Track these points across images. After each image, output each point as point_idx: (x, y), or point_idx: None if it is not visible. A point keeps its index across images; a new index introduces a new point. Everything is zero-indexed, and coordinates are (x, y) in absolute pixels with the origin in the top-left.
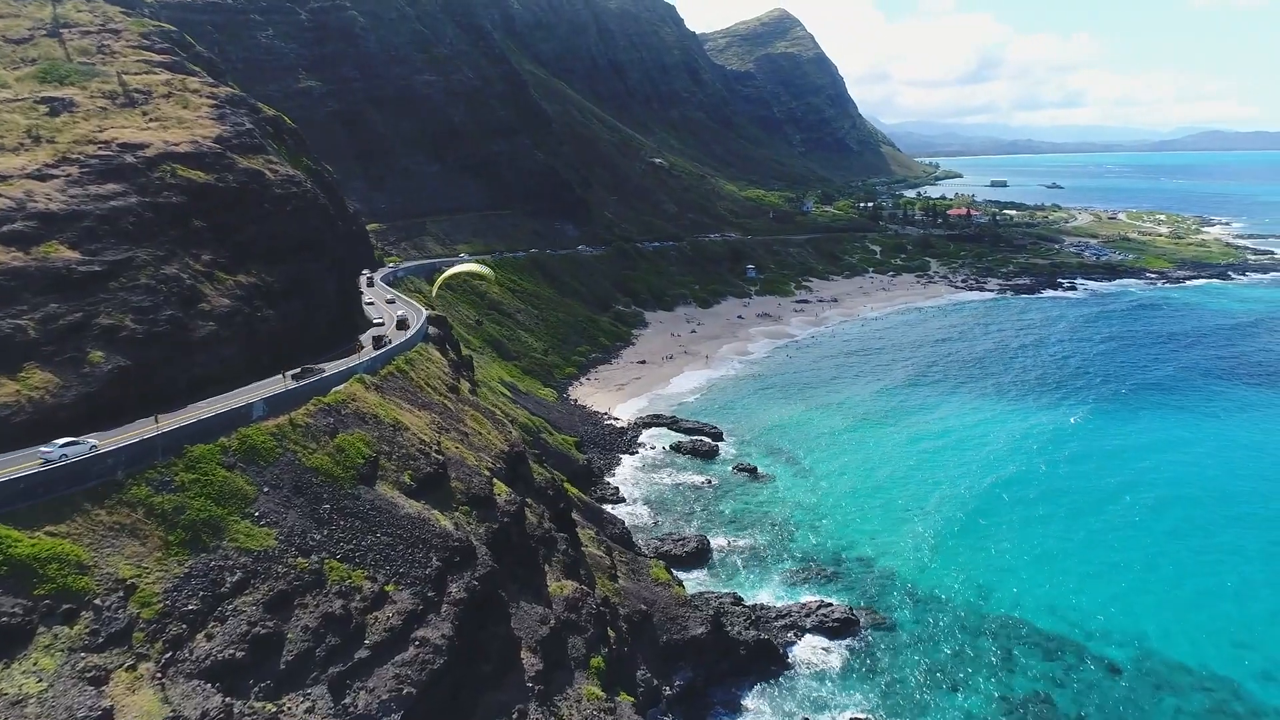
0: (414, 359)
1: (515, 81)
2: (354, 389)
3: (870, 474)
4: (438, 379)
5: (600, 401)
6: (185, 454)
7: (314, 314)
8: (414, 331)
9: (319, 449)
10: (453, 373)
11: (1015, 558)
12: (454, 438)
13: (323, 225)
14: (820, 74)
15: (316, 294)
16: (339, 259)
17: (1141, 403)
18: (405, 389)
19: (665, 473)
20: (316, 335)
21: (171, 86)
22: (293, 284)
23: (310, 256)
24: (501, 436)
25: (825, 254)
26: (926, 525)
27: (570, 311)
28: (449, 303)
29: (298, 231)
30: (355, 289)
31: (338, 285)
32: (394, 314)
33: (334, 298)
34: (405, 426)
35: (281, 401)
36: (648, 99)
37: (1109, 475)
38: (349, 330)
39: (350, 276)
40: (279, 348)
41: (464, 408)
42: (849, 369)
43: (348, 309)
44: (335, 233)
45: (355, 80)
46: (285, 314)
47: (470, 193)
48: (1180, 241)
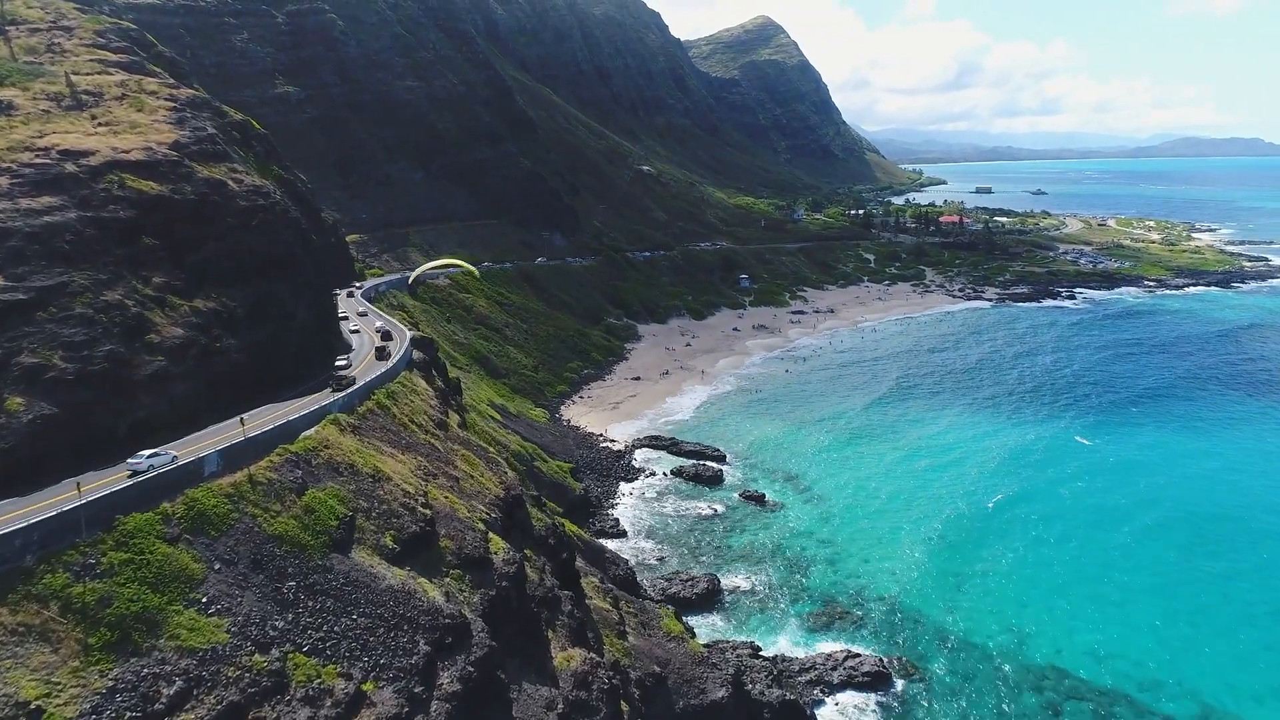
0: (397, 391)
1: (500, 87)
2: (327, 433)
3: (880, 498)
4: (424, 414)
5: (595, 422)
6: (116, 527)
7: (283, 341)
8: (397, 358)
9: (284, 511)
10: (440, 405)
11: (1044, 592)
12: (443, 484)
13: (294, 240)
14: (804, 81)
15: (286, 318)
16: (312, 278)
17: (1150, 414)
18: (387, 428)
19: (668, 501)
20: (286, 366)
21: (126, 88)
22: (258, 308)
23: (279, 276)
24: (496, 479)
25: (819, 263)
26: (947, 557)
27: (560, 325)
28: (434, 318)
29: (265, 248)
30: (331, 310)
31: (311, 307)
32: (375, 336)
33: (306, 322)
34: (387, 476)
35: (240, 453)
36: (633, 106)
37: (1124, 492)
38: (325, 357)
39: (325, 297)
40: (241, 383)
41: (454, 447)
42: (850, 383)
43: (323, 334)
44: (308, 248)
45: (334, 85)
46: (249, 343)
47: (455, 201)
48: (1174, 249)
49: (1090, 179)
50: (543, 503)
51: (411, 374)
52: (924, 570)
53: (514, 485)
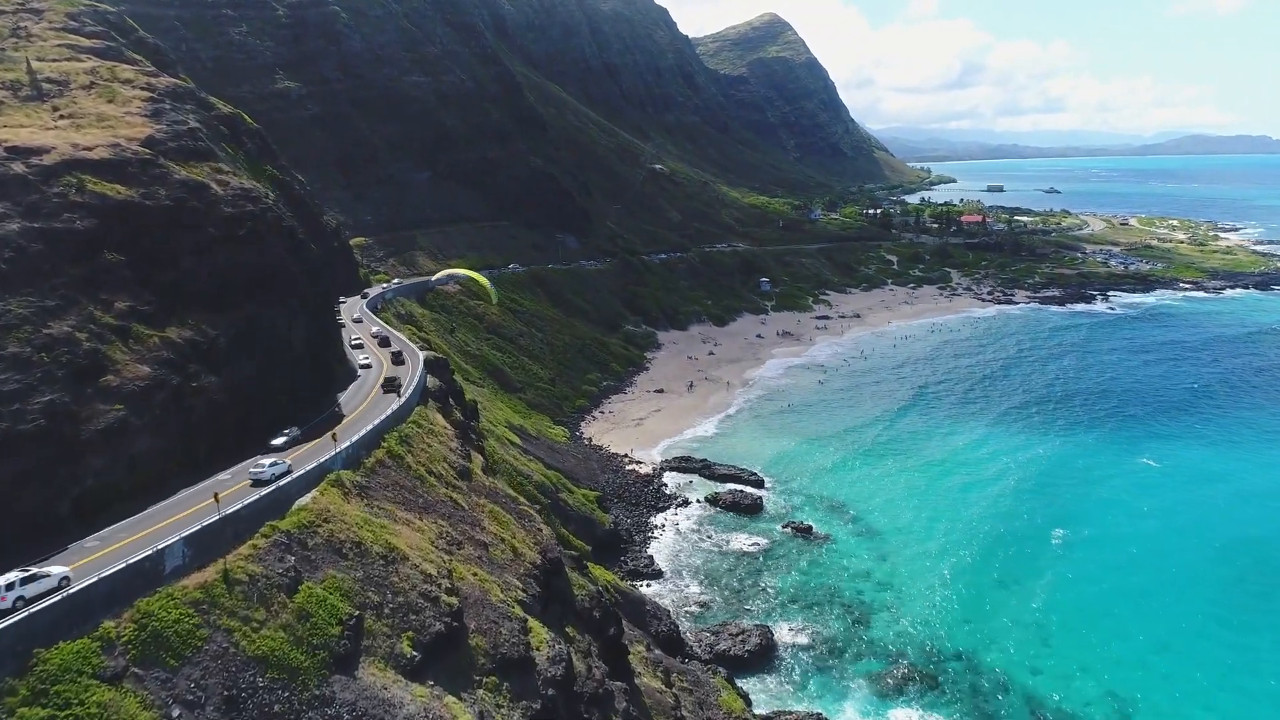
0: (411, 435)
1: (509, 83)
2: (327, 500)
3: (934, 528)
4: (443, 460)
5: (618, 441)
6: (35, 664)
7: (275, 376)
8: (410, 390)
9: (270, 619)
10: (461, 445)
11: (1139, 648)
12: (470, 555)
13: (288, 253)
14: (812, 78)
15: (278, 348)
16: (310, 296)
17: (1222, 432)
18: (401, 485)
19: (705, 535)
20: (278, 405)
21: (96, 76)
22: (245, 336)
23: (270, 296)
24: (530, 539)
25: (839, 265)
26: (1021, 602)
27: (577, 333)
28: (445, 327)
29: (253, 263)
30: (333, 333)
31: (309, 332)
32: (383, 357)
33: (302, 350)
34: (402, 554)
35: (213, 537)
36: (642, 103)
37: (1202, 523)
38: (326, 388)
39: (326, 318)
40: (223, 430)
41: (479, 501)
42: (885, 395)
43: (323, 362)
44: (305, 261)
45: (337, 81)
46: (233, 380)
47: (463, 202)
48: (1204, 249)
49: (1098, 177)
50: (584, 566)
51: (427, 408)
52: (998, 619)
53: (550, 547)
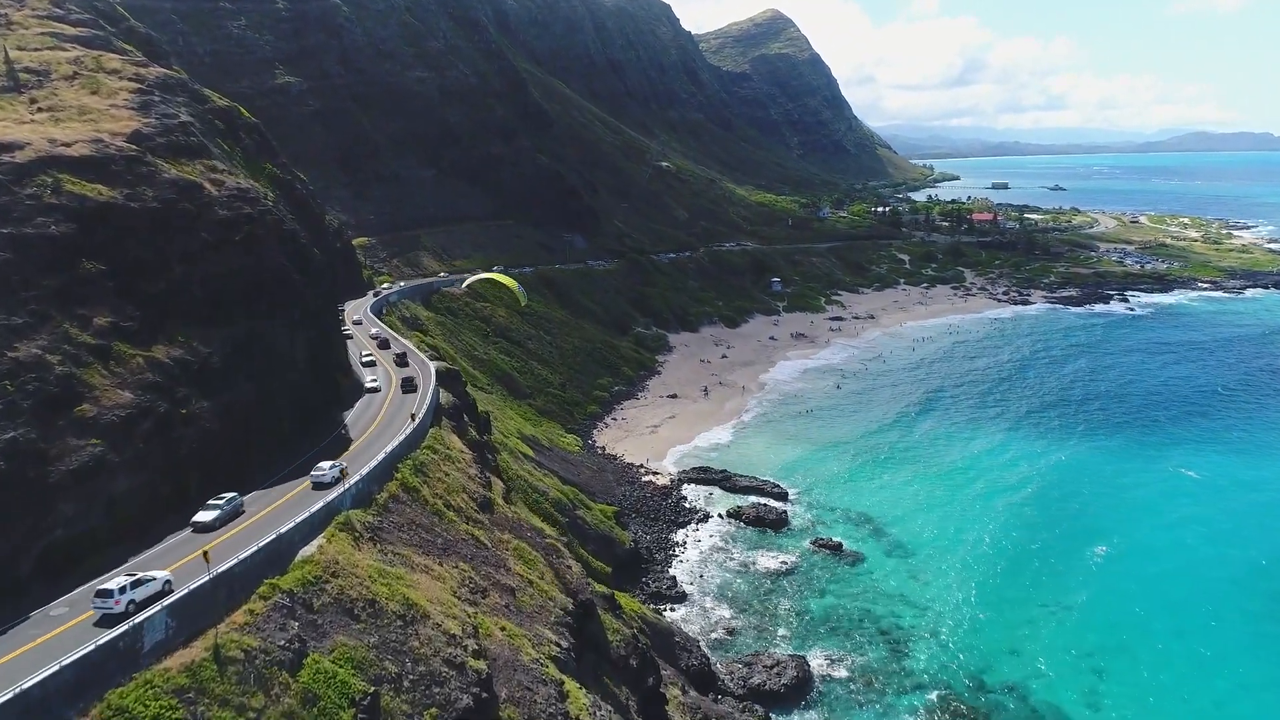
0: (427, 462)
1: (514, 79)
2: (335, 548)
3: (968, 545)
4: (462, 491)
5: (633, 450)
6: None
7: (275, 398)
8: (423, 410)
9: (270, 706)
10: (480, 470)
11: (1198, 678)
12: (496, 605)
13: (289, 259)
14: (815, 75)
15: (279, 366)
16: (314, 307)
17: (1251, 437)
18: (417, 524)
19: (730, 553)
20: (279, 429)
21: (80, 66)
22: (242, 353)
23: (270, 308)
24: (558, 578)
25: (850, 264)
26: (1069, 629)
27: (586, 336)
28: (450, 330)
29: (251, 270)
30: (338, 347)
31: (313, 347)
32: (394, 371)
33: (306, 366)
34: (422, 611)
35: (202, 603)
36: (646, 100)
37: (1248, 537)
38: (330, 409)
39: (332, 330)
40: (216, 462)
41: (503, 537)
42: (905, 401)
43: (328, 380)
44: (309, 268)
45: (338, 76)
46: (228, 404)
47: (469, 201)
48: (1219, 248)
49: (1100, 174)
50: (615, 604)
51: (441, 429)
52: (1045, 645)
53: (581, 587)
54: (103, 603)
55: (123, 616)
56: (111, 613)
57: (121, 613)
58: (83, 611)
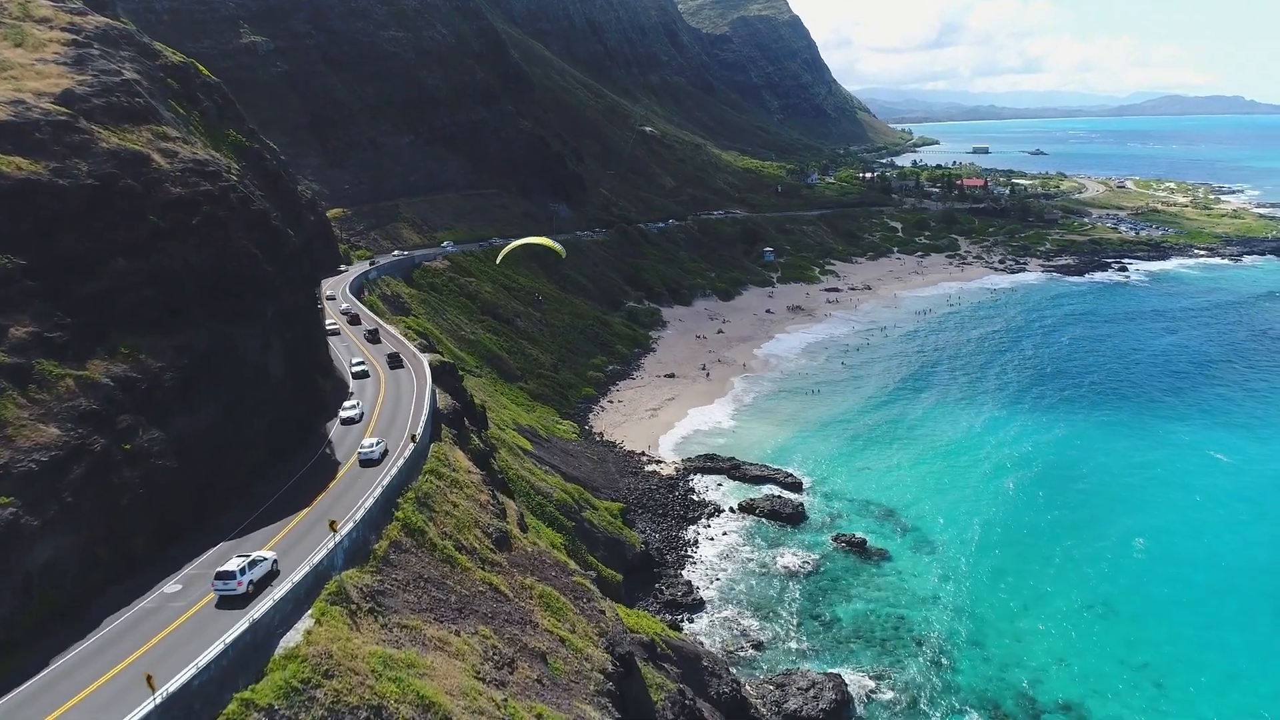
0: (430, 492)
1: (494, 39)
2: (328, 632)
3: (998, 539)
4: (474, 526)
5: (633, 436)
6: None
7: (245, 419)
8: (422, 424)
9: None
10: (490, 493)
11: (1266, 691)
12: (527, 680)
13: (260, 245)
14: (796, 38)
15: (250, 377)
16: (291, 301)
17: None
18: (426, 579)
19: (747, 552)
20: (250, 458)
21: (2, 14)
22: (203, 366)
23: (237, 307)
24: (592, 628)
25: (842, 232)
26: (1117, 635)
27: (577, 312)
28: (435, 308)
29: (213, 262)
30: (319, 344)
31: (289, 350)
32: (381, 369)
33: (283, 375)
34: (442, 712)
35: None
36: (627, 63)
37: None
38: (312, 424)
39: (310, 327)
40: (171, 509)
41: (526, 583)
42: (915, 379)
43: (308, 387)
44: (283, 255)
45: (308, 36)
46: (187, 433)
47: (449, 168)
48: (1211, 214)
49: (1076, 138)
50: (654, 651)
51: (443, 443)
52: (1096, 654)
53: (619, 636)
54: (224, 585)
55: (245, 598)
56: (234, 594)
57: (244, 594)
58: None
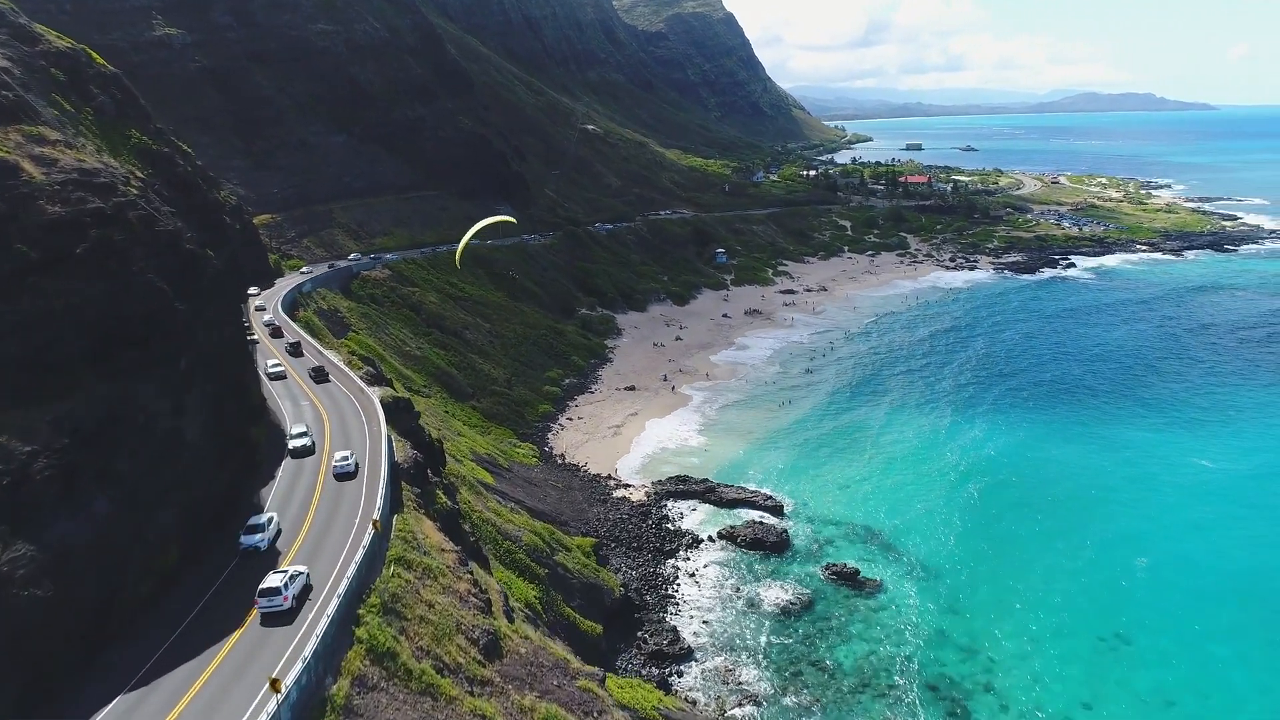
0: (400, 593)
1: (429, 33)
2: None
3: (997, 563)
4: (454, 631)
5: (597, 457)
6: None
7: (146, 518)
8: (381, 489)
9: None
10: (471, 580)
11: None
12: None
13: (170, 275)
14: (731, 35)
15: (157, 450)
16: (208, 345)
17: (1258, 416)
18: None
19: (732, 588)
20: (154, 570)
21: None
22: (90, 446)
23: (139, 360)
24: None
25: (792, 231)
26: (1137, 668)
27: (528, 321)
28: (376, 322)
29: (103, 302)
30: (246, 388)
31: (210, 408)
32: (321, 405)
33: (201, 441)
34: None
35: None
36: (565, 60)
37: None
38: (241, 497)
39: (237, 372)
40: (41, 654)
41: (528, 706)
42: (886, 386)
43: (235, 453)
44: (200, 284)
45: (230, 29)
46: (62, 548)
47: (386, 169)
48: (1146, 209)
49: (1003, 134)
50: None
51: (406, 514)
52: (1122, 698)
53: None
54: (270, 601)
55: (291, 613)
56: (281, 610)
57: (289, 609)
58: None
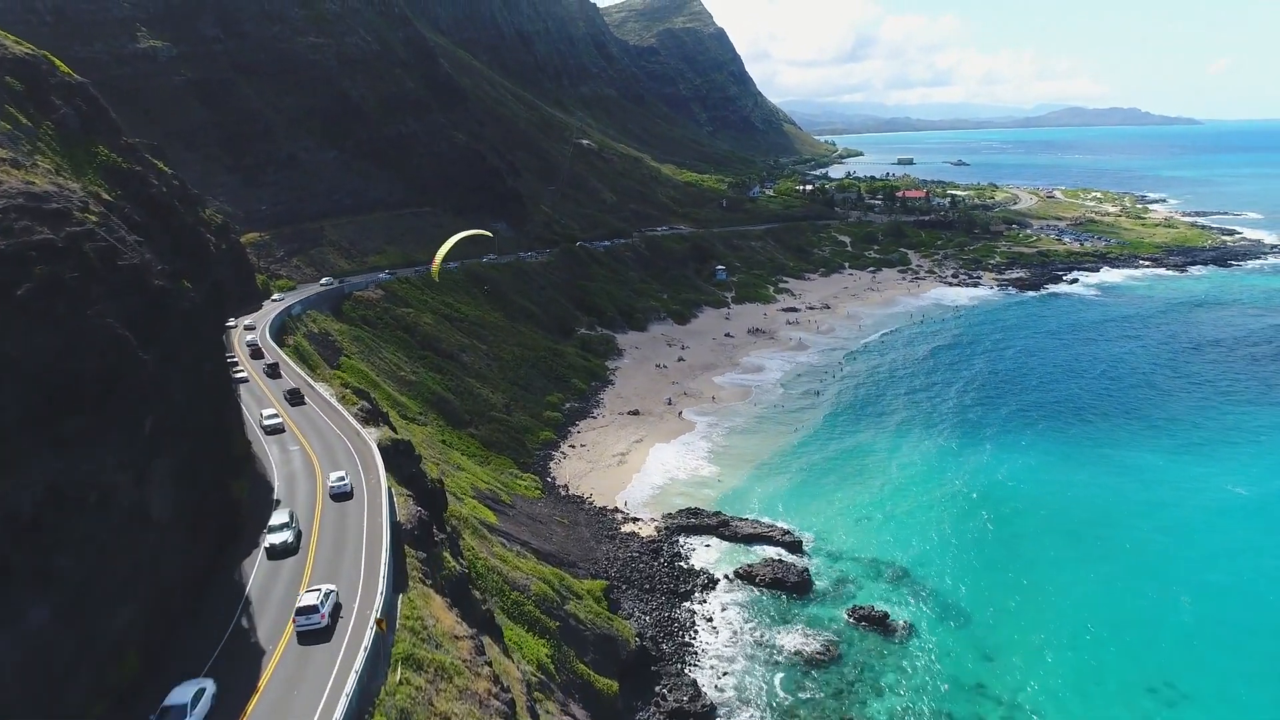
0: (408, 706)
1: (422, 47)
2: None
3: (1031, 603)
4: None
5: (602, 488)
6: None
7: (98, 624)
8: (383, 579)
9: None
10: (492, 679)
11: None
12: None
13: (133, 319)
14: (721, 50)
15: (108, 543)
16: (181, 397)
17: None
18: None
19: (752, 634)
20: (101, 692)
21: None
22: (21, 541)
23: (90, 426)
24: None
25: (791, 247)
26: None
27: (526, 342)
28: (369, 346)
29: (51, 355)
30: (229, 438)
31: (178, 474)
32: (310, 451)
33: (173, 520)
34: None
35: None
36: (558, 74)
37: None
38: (217, 569)
39: (215, 416)
40: None
41: None
42: (895, 407)
43: (208, 521)
44: (168, 327)
45: (217, 41)
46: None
47: (378, 186)
48: (1145, 224)
49: (991, 148)
50: None
51: (412, 593)
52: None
53: None
54: (308, 620)
55: (328, 630)
56: (319, 628)
57: (326, 626)
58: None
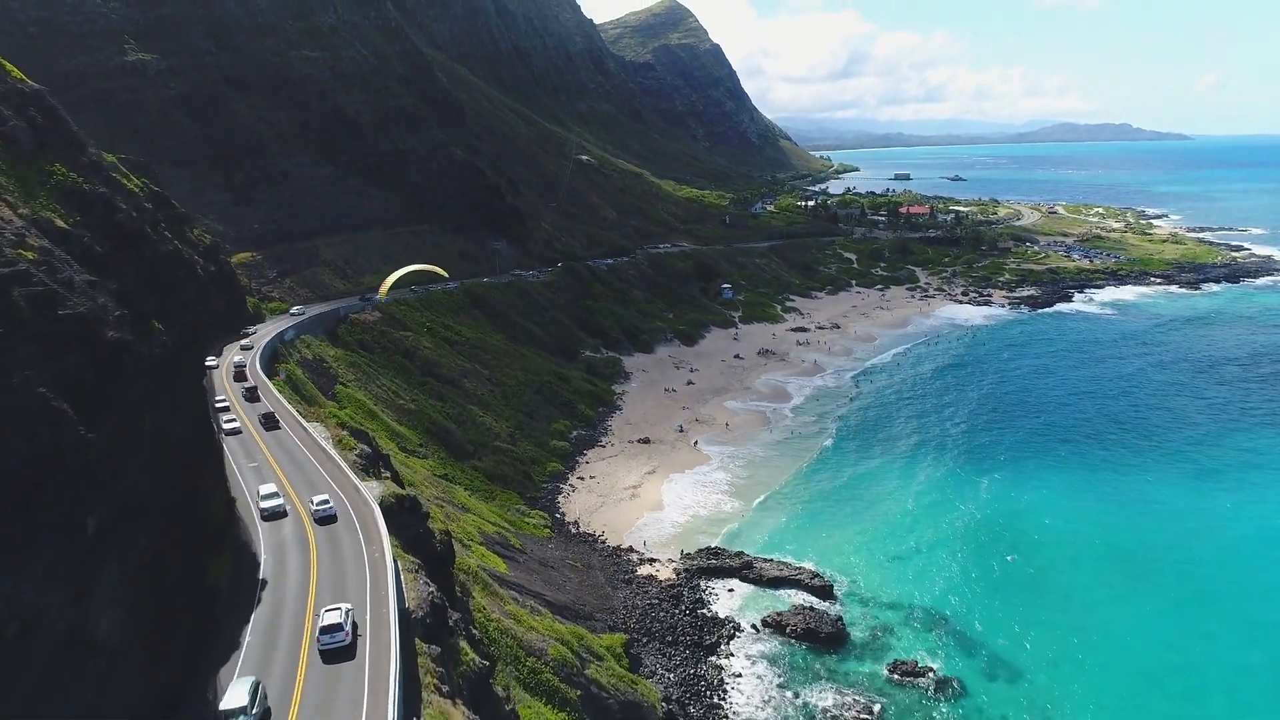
0: None
1: (418, 62)
2: None
3: (1086, 653)
4: None
5: (614, 525)
6: None
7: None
8: (393, 700)
9: None
10: None
11: None
12: None
13: (74, 388)
14: (717, 66)
15: (34, 690)
16: (143, 488)
17: None
18: None
19: (784, 694)
20: None
21: None
22: None
23: (13, 534)
24: None
25: (796, 265)
26: None
27: (530, 366)
28: (366, 372)
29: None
30: (206, 517)
31: (135, 582)
32: (306, 518)
33: (116, 646)
34: None
35: None
36: (555, 90)
37: None
38: (190, 687)
39: (195, 493)
40: None
41: None
42: (917, 434)
43: (170, 641)
44: (126, 390)
45: (208, 54)
46: None
47: (374, 203)
48: (1152, 239)
49: (985, 163)
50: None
51: (427, 713)
52: None
53: None
54: (333, 638)
55: (352, 648)
56: (344, 645)
57: (350, 643)
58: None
